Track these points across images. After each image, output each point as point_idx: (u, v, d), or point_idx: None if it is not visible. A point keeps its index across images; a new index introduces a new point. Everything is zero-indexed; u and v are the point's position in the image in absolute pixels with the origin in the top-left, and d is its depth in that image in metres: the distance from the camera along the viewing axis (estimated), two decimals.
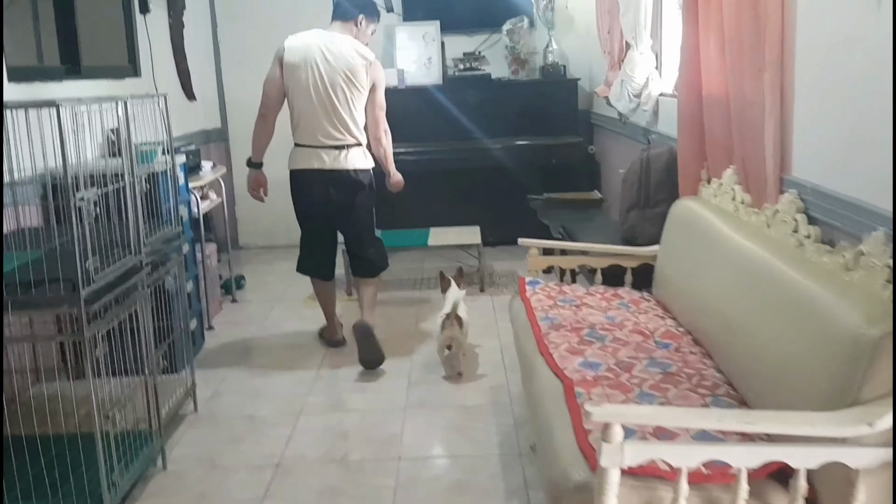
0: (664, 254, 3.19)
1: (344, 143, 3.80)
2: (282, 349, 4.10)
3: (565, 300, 3.10)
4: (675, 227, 3.14)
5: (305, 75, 3.72)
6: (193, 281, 4.09)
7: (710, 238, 2.78)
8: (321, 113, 3.74)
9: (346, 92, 3.73)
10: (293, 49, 3.76)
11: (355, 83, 3.74)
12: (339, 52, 3.73)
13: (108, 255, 2.58)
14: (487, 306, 4.61)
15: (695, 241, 2.90)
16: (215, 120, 6.10)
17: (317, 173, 3.82)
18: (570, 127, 5.79)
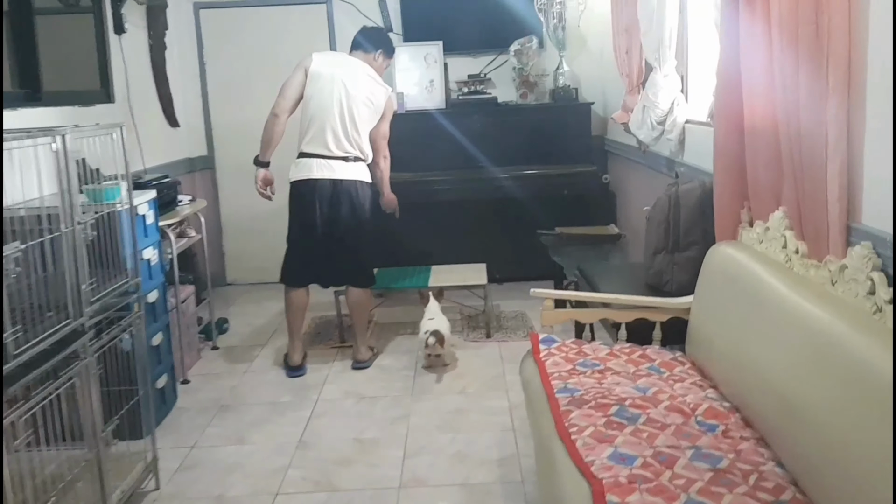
0: (700, 308, 2.74)
1: (352, 156, 3.98)
2: (263, 407, 3.64)
3: (586, 364, 2.64)
4: (713, 277, 2.69)
5: (331, 88, 3.92)
6: (164, 332, 3.65)
7: (760, 294, 2.33)
8: (339, 125, 3.92)
9: (365, 111, 3.98)
10: (321, 61, 3.98)
11: (374, 106, 4.02)
12: (365, 75, 4.02)
13: (36, 321, 2.14)
14: (494, 355, 4.15)
15: (739, 296, 2.46)
16: (201, 147, 5.69)
17: (324, 182, 3.94)
18: (583, 155, 5.35)
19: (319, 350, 4.34)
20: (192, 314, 4.23)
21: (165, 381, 3.60)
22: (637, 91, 4.29)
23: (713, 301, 2.65)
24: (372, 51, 4.10)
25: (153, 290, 3.51)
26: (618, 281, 3.47)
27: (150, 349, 3.46)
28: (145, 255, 3.44)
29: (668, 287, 3.20)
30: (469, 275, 4.50)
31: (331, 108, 3.90)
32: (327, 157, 3.93)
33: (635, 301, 2.89)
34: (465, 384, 3.76)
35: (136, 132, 4.60)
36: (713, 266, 2.72)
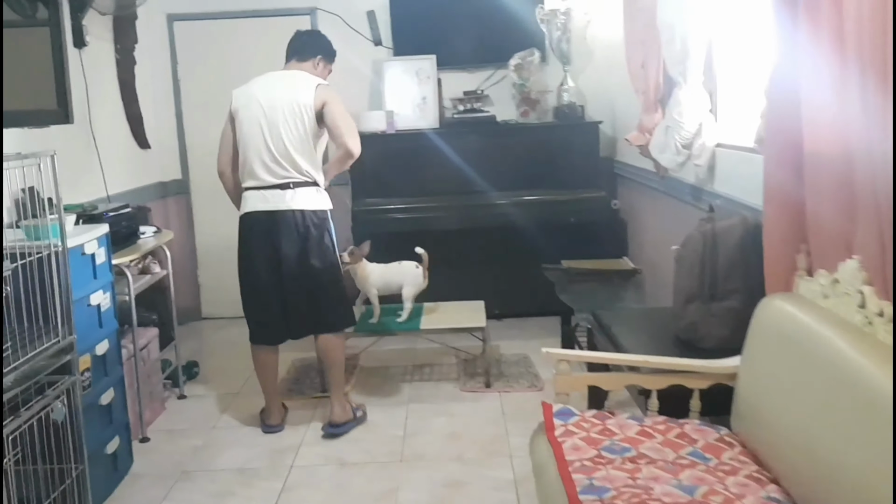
0: (750, 375, 2.26)
1: (289, 181, 3.35)
2: (229, 475, 3.14)
3: (614, 448, 2.16)
4: (767, 338, 2.21)
5: (249, 113, 3.38)
6: (117, 387, 3.15)
7: (835, 366, 1.86)
8: (264, 148, 3.34)
9: (295, 123, 3.32)
10: (241, 93, 3.47)
11: (304, 111, 3.32)
12: (287, 83, 3.40)
13: None
14: (495, 409, 3.65)
15: (805, 366, 1.98)
16: (174, 170, 5.21)
17: (260, 216, 3.40)
18: (591, 179, 4.89)
19: (297, 402, 3.84)
20: (154, 361, 3.73)
21: (118, 445, 3.10)
22: (655, 109, 3.83)
23: (768, 368, 2.17)
24: (310, 57, 3.52)
25: (103, 341, 3.02)
26: (641, 332, 2.99)
27: (99, 409, 2.97)
28: (93, 301, 2.95)
29: (703, 342, 2.72)
30: (466, 315, 4.01)
31: (252, 133, 3.35)
32: (261, 188, 3.37)
33: (671, 364, 2.41)
34: (463, 448, 3.27)
35: (98, 155, 4.13)
36: (766, 323, 2.24)
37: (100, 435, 2.97)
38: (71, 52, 3.93)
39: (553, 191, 4.82)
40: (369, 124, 4.77)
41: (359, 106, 5.03)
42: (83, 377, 2.84)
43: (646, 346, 2.84)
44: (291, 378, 4.15)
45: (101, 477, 2.95)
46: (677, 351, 2.77)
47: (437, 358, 4.36)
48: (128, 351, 3.43)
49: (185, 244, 5.27)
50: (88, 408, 2.88)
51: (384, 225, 4.70)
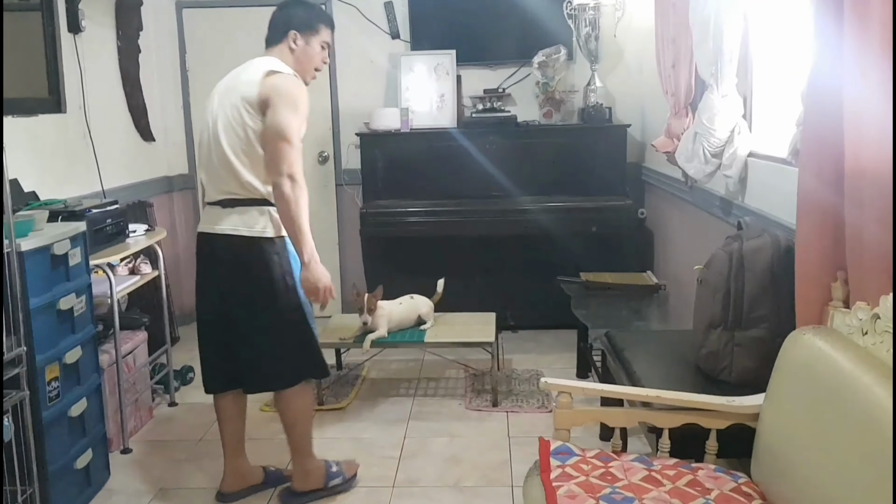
0: (774, 417, 1.98)
1: (230, 198, 2.62)
2: (205, 495, 2.92)
3: (613, 497, 1.89)
4: (794, 377, 1.93)
5: (205, 112, 2.75)
6: (93, 397, 2.95)
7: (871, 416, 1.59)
8: (205, 158, 2.69)
9: (234, 122, 2.58)
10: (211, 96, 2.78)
11: (244, 108, 2.55)
12: (241, 78, 2.64)
13: None
14: (500, 431, 3.39)
15: (837, 412, 1.71)
16: (181, 164, 5.02)
17: (202, 239, 2.77)
18: (616, 185, 4.60)
19: None
20: (141, 366, 3.54)
21: (90, 458, 2.90)
22: (685, 113, 3.54)
23: (794, 411, 1.89)
24: (280, 39, 2.72)
25: (75, 348, 2.82)
26: (657, 358, 2.72)
27: (70, 421, 2.78)
28: (64, 306, 2.75)
29: (724, 374, 2.43)
30: (475, 328, 3.75)
31: (201, 137, 2.74)
32: (207, 204, 2.73)
33: (685, 402, 2.13)
34: (462, 474, 3.02)
35: (94, 147, 3.95)
36: (794, 360, 1.95)
37: (69, 449, 2.77)
38: (65, 37, 3.77)
39: (576, 197, 4.55)
40: (383, 122, 4.54)
41: (374, 102, 4.80)
42: (50, 387, 2.65)
43: (662, 374, 2.57)
44: None
45: (69, 493, 2.76)
46: (696, 382, 2.50)
47: (444, 371, 4.11)
48: (110, 357, 3.24)
49: (191, 242, 5.04)
50: (56, 420, 2.69)
51: (394, 229, 4.47)
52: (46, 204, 3.21)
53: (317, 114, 4.91)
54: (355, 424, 3.49)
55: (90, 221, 3.17)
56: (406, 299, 3.75)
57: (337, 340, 3.64)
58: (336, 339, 3.64)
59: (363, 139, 4.58)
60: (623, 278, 3.98)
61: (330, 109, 4.90)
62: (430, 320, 3.75)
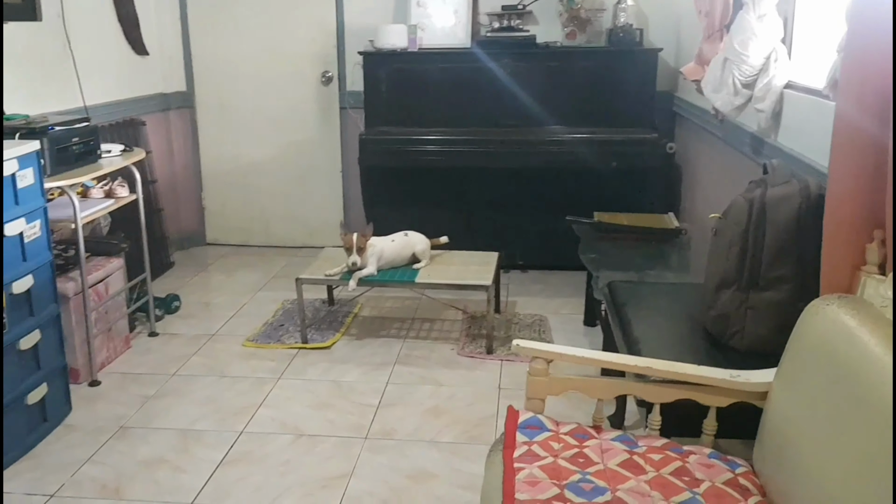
0: (784, 398, 1.67)
1: None
2: (169, 435, 2.73)
3: (581, 487, 1.61)
4: (812, 353, 1.61)
5: None
6: (50, 327, 2.75)
7: None
8: None
9: None
10: None
11: None
12: None
13: None
14: (491, 382, 3.13)
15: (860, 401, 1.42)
16: (178, 81, 4.72)
17: None
18: (644, 116, 4.19)
19: (272, 351, 3.40)
20: (114, 294, 3.32)
21: (45, 392, 2.71)
22: (719, 37, 3.13)
23: (809, 393, 1.58)
24: None
25: (25, 277, 2.59)
26: (661, 317, 2.41)
27: (19, 354, 2.58)
28: (10, 231, 2.51)
29: (735, 340, 2.12)
30: (472, 269, 3.45)
31: None
32: None
33: (681, 374, 1.82)
34: (441, 428, 2.77)
35: (74, 60, 3.66)
36: (813, 332, 1.63)
37: (18, 383, 2.58)
38: None
39: (597, 128, 4.16)
40: (388, 40, 4.16)
41: (382, 18, 4.40)
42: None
43: (663, 336, 2.27)
44: (276, 321, 3.70)
45: (18, 429, 2.58)
46: (702, 347, 2.20)
47: (442, 313, 3.84)
48: (76, 284, 3.03)
49: (189, 163, 4.83)
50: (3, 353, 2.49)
51: (396, 157, 4.14)
52: (7, 119, 2.95)
53: (320, 29, 4.55)
54: (337, 366, 3.26)
55: (53, 140, 2.92)
56: (399, 236, 3.46)
57: (322, 276, 3.37)
58: (321, 274, 3.38)
59: (367, 58, 4.21)
60: (640, 220, 3.62)
61: (335, 25, 4.52)
62: (426, 259, 3.46)
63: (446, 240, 3.60)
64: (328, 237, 4.56)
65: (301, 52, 4.59)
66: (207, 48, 4.67)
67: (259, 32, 4.60)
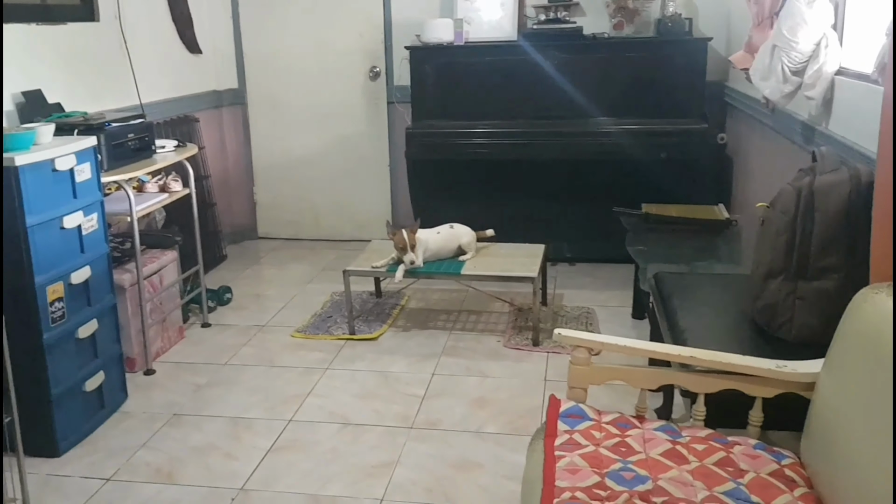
0: (833, 388, 1.64)
1: None
2: (221, 423, 2.80)
3: (623, 475, 1.61)
4: (861, 343, 1.58)
5: None
6: (107, 317, 2.84)
7: None
8: None
9: None
10: None
11: None
12: None
13: None
14: (537, 374, 3.13)
15: None
16: (230, 79, 4.82)
17: None
18: (693, 107, 4.14)
19: (320, 342, 3.46)
20: (168, 286, 3.42)
21: (102, 380, 2.81)
22: (769, 25, 3.06)
23: (858, 385, 1.55)
24: None
25: (83, 268, 2.69)
26: (708, 307, 2.38)
27: (77, 343, 2.67)
28: (68, 224, 2.61)
29: (783, 331, 2.09)
30: (519, 261, 3.45)
31: None
32: None
33: (726, 364, 1.80)
34: (486, 418, 2.79)
35: (130, 59, 3.77)
36: (862, 322, 1.59)
37: (77, 371, 2.68)
38: None
39: (646, 119, 4.13)
40: (435, 34, 4.18)
41: (427, 12, 4.43)
42: (53, 308, 2.54)
43: (709, 327, 2.25)
44: (324, 313, 3.76)
45: (76, 416, 2.68)
46: (749, 338, 2.17)
47: (488, 305, 3.86)
48: (132, 276, 3.12)
49: (241, 159, 4.93)
50: (61, 341, 2.59)
51: (443, 151, 4.17)
52: (66, 116, 3.06)
53: (368, 25, 4.60)
54: (384, 357, 3.30)
55: (109, 136, 3.01)
56: (445, 228, 3.49)
57: (369, 268, 3.42)
58: (368, 266, 3.42)
59: (413, 53, 4.24)
60: (689, 211, 3.58)
61: (382, 20, 4.56)
62: (471, 251, 3.48)
63: (492, 233, 3.61)
64: (376, 230, 4.61)
65: (349, 47, 4.65)
66: (258, 46, 4.76)
67: (308, 29, 4.67)
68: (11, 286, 2.38)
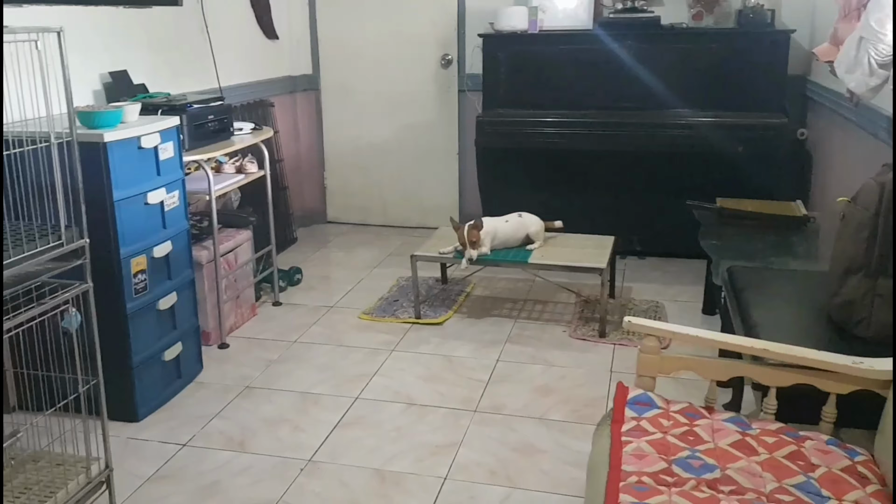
0: None
1: None
2: (290, 398, 2.88)
3: (691, 463, 1.60)
4: None
5: None
6: (186, 290, 2.95)
7: None
8: None
9: None
10: None
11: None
12: None
13: None
14: (603, 365, 3.12)
15: None
16: (305, 65, 4.91)
17: None
18: (773, 100, 4.04)
19: (386, 324, 3.52)
20: (242, 264, 3.52)
21: (180, 350, 2.92)
22: (856, 16, 2.96)
23: None
24: None
25: (164, 242, 2.80)
26: (782, 302, 2.34)
27: (158, 314, 2.79)
28: (152, 199, 2.71)
29: (860, 329, 2.03)
30: (587, 252, 3.44)
31: None
32: None
33: (800, 358, 1.77)
34: (550, 406, 2.80)
35: (210, 43, 3.88)
36: None
37: (156, 340, 2.79)
38: None
39: (723, 112, 4.05)
40: (509, 22, 4.19)
41: (501, 0, 4.42)
42: (136, 280, 2.65)
43: (783, 322, 2.20)
44: (391, 297, 3.82)
45: (155, 383, 2.80)
46: (824, 335, 2.12)
47: (554, 295, 3.85)
48: (209, 253, 3.23)
49: (313, 144, 5.03)
50: (143, 312, 2.70)
51: (514, 140, 4.17)
52: (150, 97, 3.18)
53: (441, 12, 4.62)
54: (449, 342, 3.33)
55: (190, 117, 3.11)
56: (513, 217, 3.49)
57: (437, 254, 3.46)
58: (436, 252, 3.46)
59: (486, 41, 4.25)
60: (766, 207, 3.49)
61: (456, 8, 4.59)
62: (539, 241, 3.48)
63: (560, 224, 3.60)
64: (443, 218, 4.63)
65: (422, 35, 4.68)
66: (333, 32, 4.84)
67: (382, 16, 4.72)
68: (98, 258, 2.49)
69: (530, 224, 3.48)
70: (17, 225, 2.02)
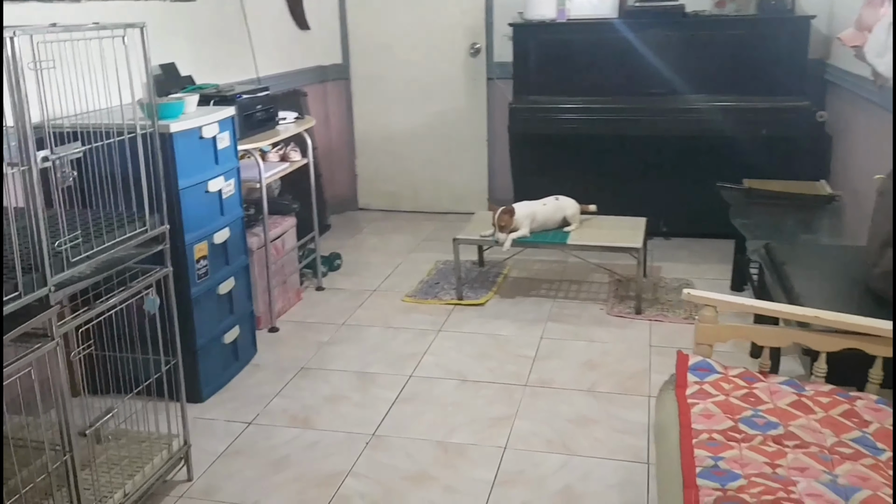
0: None
1: None
2: (346, 377, 3.02)
3: (755, 421, 1.74)
4: None
5: None
6: (241, 276, 3.08)
7: None
8: None
9: None
10: None
11: None
12: None
13: None
14: (642, 339, 3.26)
15: None
16: (335, 55, 5.03)
17: None
18: (794, 84, 4.16)
19: (430, 306, 3.65)
20: (290, 250, 3.65)
21: (237, 334, 3.06)
22: (881, 3, 3.08)
23: None
24: None
25: (223, 229, 2.93)
26: (822, 275, 2.46)
27: (218, 298, 2.92)
28: (212, 188, 2.84)
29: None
30: (621, 233, 3.57)
31: None
32: None
33: (848, 324, 1.90)
34: (597, 380, 2.93)
35: (249, 34, 4.00)
36: None
37: (217, 324, 2.93)
38: None
39: (746, 96, 4.18)
40: (538, 11, 4.30)
41: None
42: (199, 265, 2.78)
43: (825, 293, 2.33)
44: (431, 280, 3.95)
45: (216, 365, 2.93)
46: (865, 304, 2.24)
47: (588, 275, 3.98)
48: (259, 239, 3.36)
49: (344, 132, 5.15)
50: (204, 296, 2.83)
51: (545, 126, 4.30)
52: (200, 88, 3.30)
53: (470, 2, 4.73)
54: (492, 321, 3.47)
55: (240, 107, 3.23)
56: (550, 200, 3.62)
57: (477, 237, 3.59)
58: (477, 235, 3.59)
59: (516, 30, 4.36)
60: (792, 186, 3.63)
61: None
62: (576, 222, 3.61)
63: (594, 208, 3.73)
64: (473, 204, 4.78)
65: (451, 24, 4.80)
66: (362, 22, 4.95)
67: (411, 6, 4.83)
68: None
69: (567, 207, 3.61)
70: (97, 213, 2.14)
